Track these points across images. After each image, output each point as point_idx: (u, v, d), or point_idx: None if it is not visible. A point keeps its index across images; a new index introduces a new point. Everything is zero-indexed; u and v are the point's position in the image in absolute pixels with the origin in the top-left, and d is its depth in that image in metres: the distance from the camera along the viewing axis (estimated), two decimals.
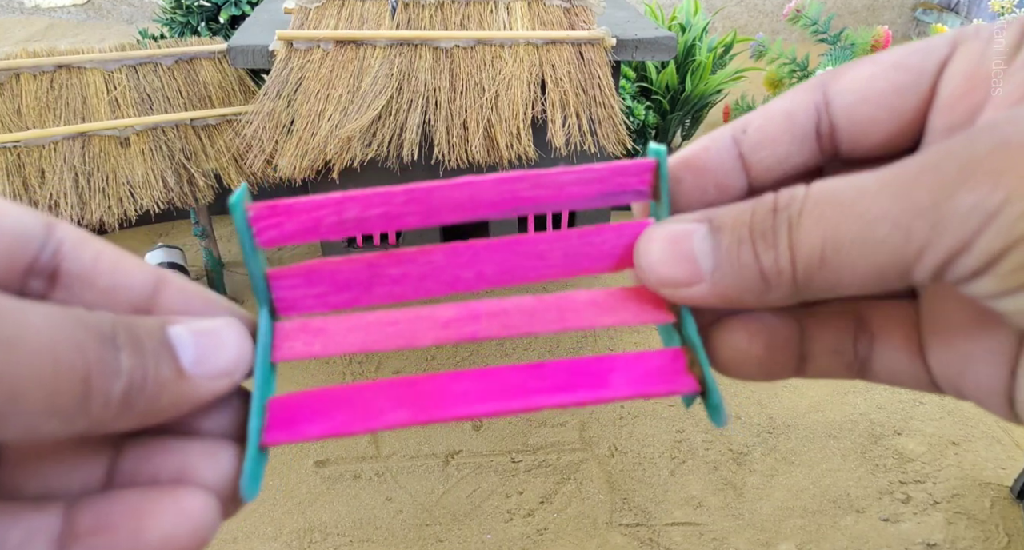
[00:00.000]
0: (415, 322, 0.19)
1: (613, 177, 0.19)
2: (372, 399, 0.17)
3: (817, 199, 0.15)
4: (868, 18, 2.14)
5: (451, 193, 0.18)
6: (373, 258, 0.19)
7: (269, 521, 0.54)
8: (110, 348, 0.14)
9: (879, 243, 0.14)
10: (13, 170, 0.72)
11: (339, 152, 0.67)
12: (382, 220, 0.19)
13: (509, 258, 0.19)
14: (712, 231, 0.16)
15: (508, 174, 0.18)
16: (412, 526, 0.53)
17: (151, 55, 0.79)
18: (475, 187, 0.18)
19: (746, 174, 0.18)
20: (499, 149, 0.65)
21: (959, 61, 0.17)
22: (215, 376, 0.16)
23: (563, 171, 0.18)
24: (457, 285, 0.20)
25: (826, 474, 0.58)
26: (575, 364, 0.18)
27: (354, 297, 0.20)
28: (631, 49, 0.71)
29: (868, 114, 0.17)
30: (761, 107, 0.19)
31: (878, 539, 0.52)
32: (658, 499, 0.55)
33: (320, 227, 0.18)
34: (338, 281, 0.20)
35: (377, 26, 0.72)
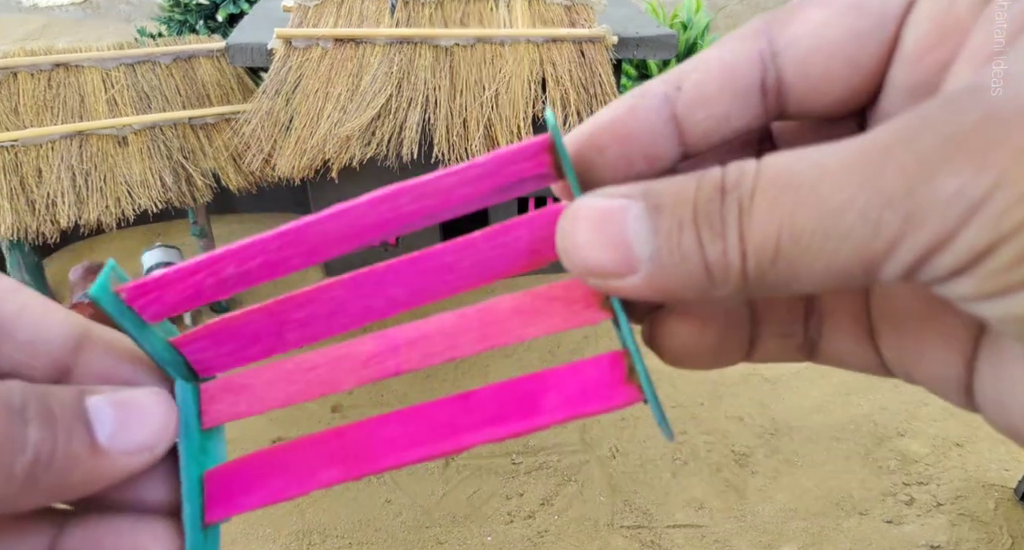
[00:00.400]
0: (335, 363, 0.17)
1: (502, 168, 0.16)
2: (304, 459, 0.16)
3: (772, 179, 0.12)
4: None
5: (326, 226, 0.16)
6: (272, 305, 0.17)
7: (268, 523, 0.53)
8: (17, 421, 0.13)
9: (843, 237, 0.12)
10: (10, 169, 0.72)
11: (338, 151, 0.67)
12: (264, 269, 0.17)
13: (416, 278, 0.17)
14: (649, 210, 0.13)
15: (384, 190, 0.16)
16: (412, 528, 0.53)
17: (149, 53, 0.79)
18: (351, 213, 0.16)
19: (680, 138, 0.15)
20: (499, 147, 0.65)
21: (926, 4, 0.14)
22: (133, 451, 0.14)
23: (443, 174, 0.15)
24: (370, 315, 0.18)
25: (829, 476, 0.58)
26: (506, 388, 0.16)
27: (268, 347, 0.18)
28: (632, 47, 0.71)
29: (821, 66, 0.14)
30: (695, 58, 0.15)
31: (881, 541, 0.51)
32: (659, 501, 0.54)
33: (203, 291, 0.17)
34: (246, 335, 0.18)
35: (376, 24, 0.72)
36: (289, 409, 0.62)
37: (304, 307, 0.17)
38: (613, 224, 0.13)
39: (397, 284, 0.17)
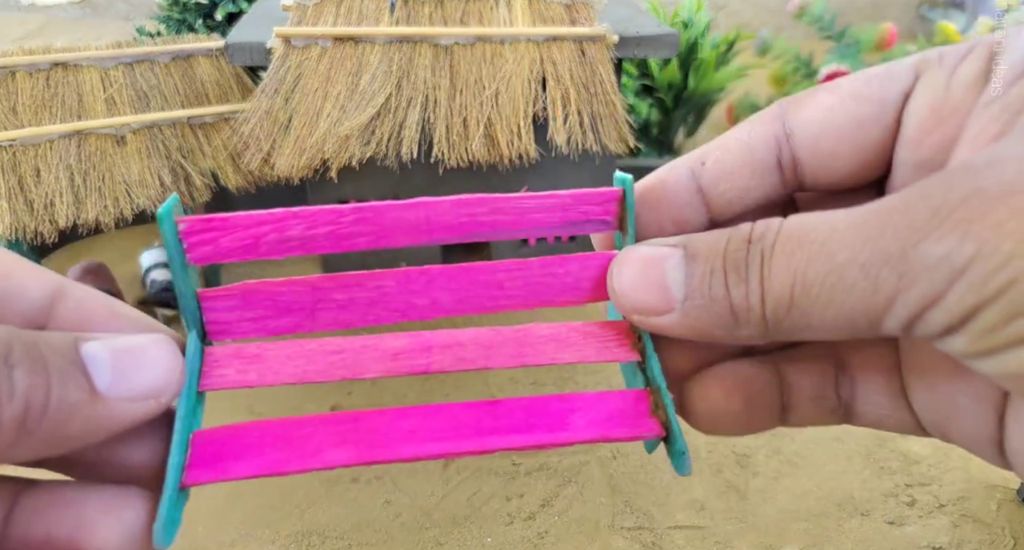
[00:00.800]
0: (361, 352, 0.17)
1: (578, 204, 0.18)
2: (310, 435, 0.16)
3: (789, 234, 0.14)
4: (873, 15, 2.13)
5: (404, 214, 0.17)
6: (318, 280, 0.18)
7: (266, 524, 0.53)
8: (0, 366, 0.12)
9: (847, 289, 0.13)
10: (8, 169, 0.72)
11: (337, 150, 0.66)
12: (328, 240, 0.17)
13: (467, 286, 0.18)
14: (687, 258, 0.15)
15: (467, 197, 0.17)
16: (411, 529, 0.52)
17: (148, 53, 0.78)
18: (430, 209, 0.17)
19: (707, 208, 0.17)
20: (499, 147, 0.64)
21: (923, 91, 0.15)
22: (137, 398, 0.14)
23: (526, 196, 0.17)
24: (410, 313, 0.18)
25: (831, 477, 0.57)
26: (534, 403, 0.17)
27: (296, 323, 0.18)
28: (633, 46, 0.70)
29: (830, 148, 0.16)
30: (719, 138, 0.18)
31: (883, 542, 0.51)
32: (660, 502, 0.54)
33: (259, 245, 0.17)
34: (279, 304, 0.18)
35: (376, 23, 0.71)
36: (282, 406, 0.62)
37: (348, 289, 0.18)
38: (656, 269, 0.15)
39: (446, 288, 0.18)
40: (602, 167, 0.77)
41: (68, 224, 0.72)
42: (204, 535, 0.51)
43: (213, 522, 0.52)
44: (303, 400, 0.66)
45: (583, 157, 0.74)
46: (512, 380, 0.69)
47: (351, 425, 0.16)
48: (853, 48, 1.25)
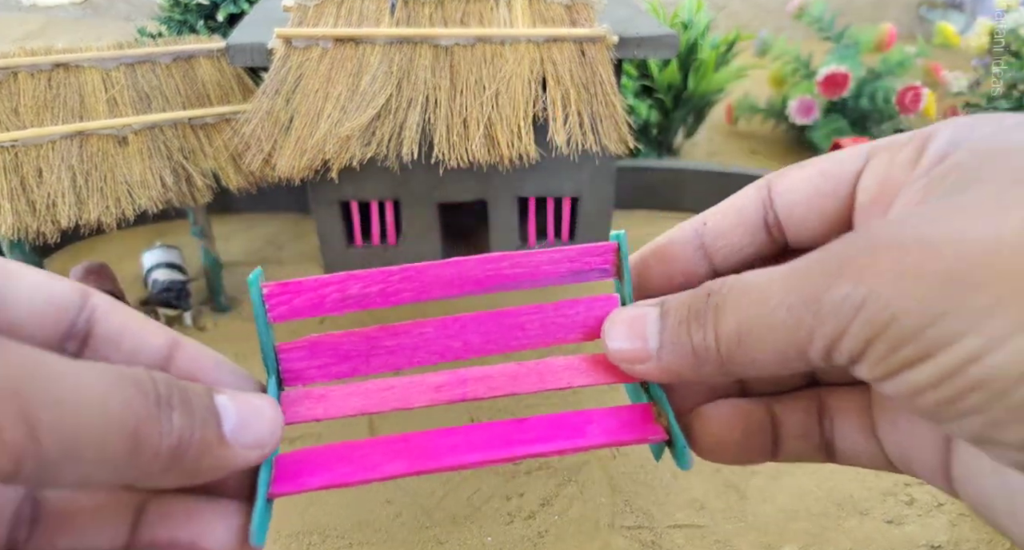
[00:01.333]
0: (409, 387, 0.21)
1: (580, 257, 0.22)
2: (370, 454, 0.19)
3: (738, 286, 0.17)
4: (872, 15, 2.14)
5: (441, 271, 0.21)
6: (371, 332, 0.22)
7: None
8: (162, 406, 0.15)
9: (777, 328, 0.16)
10: (11, 169, 0.72)
11: (338, 151, 0.66)
12: (380, 296, 0.22)
13: (493, 329, 0.22)
14: (662, 314, 0.19)
15: (491, 255, 0.22)
16: (412, 528, 0.53)
17: (149, 53, 0.79)
18: (463, 266, 0.22)
19: (709, 262, 0.21)
20: (500, 148, 0.65)
21: (872, 170, 0.19)
22: (250, 446, 0.17)
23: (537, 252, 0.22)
24: (447, 355, 0.22)
25: (830, 476, 0.57)
26: (556, 418, 0.20)
27: (354, 367, 0.22)
28: (633, 47, 0.70)
29: (801, 214, 0.20)
30: (719, 204, 0.21)
31: (882, 541, 0.51)
32: (660, 501, 0.54)
33: (325, 303, 0.21)
34: (339, 352, 0.22)
35: (376, 24, 0.72)
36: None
37: (396, 337, 0.22)
38: (637, 326, 0.19)
39: (476, 332, 0.22)
40: (602, 167, 0.77)
41: (70, 224, 0.72)
42: None
43: None
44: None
45: (583, 157, 0.74)
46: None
47: (402, 444, 0.20)
48: (852, 49, 1.25)
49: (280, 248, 0.91)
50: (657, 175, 0.98)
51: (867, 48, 1.27)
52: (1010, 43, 1.29)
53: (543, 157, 0.69)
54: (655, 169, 0.97)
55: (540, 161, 0.70)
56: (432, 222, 0.75)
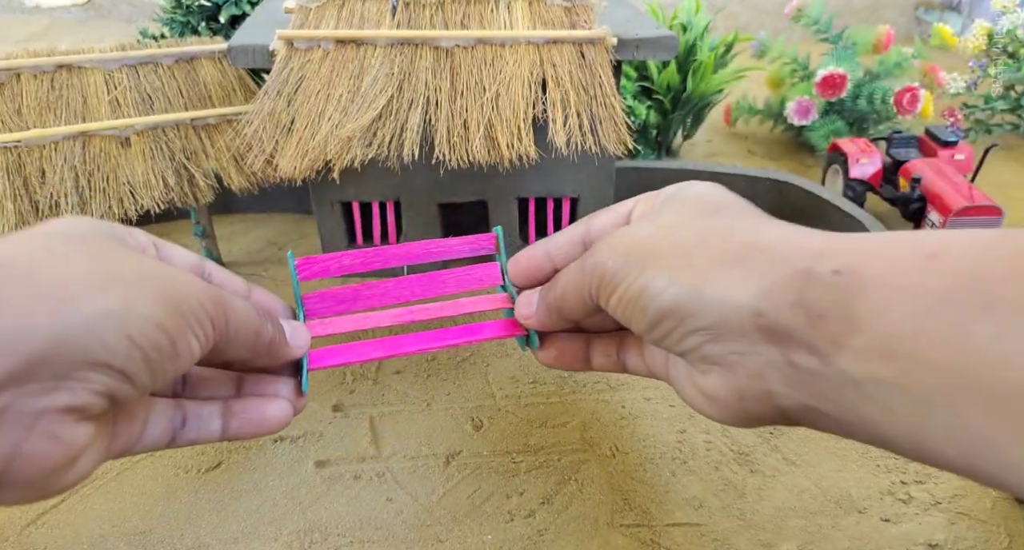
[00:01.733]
0: (380, 317, 0.42)
1: (476, 242, 0.44)
2: (361, 348, 0.41)
3: (563, 270, 0.37)
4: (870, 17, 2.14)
5: (397, 250, 0.43)
6: (356, 286, 0.43)
7: (269, 521, 0.54)
8: (263, 321, 0.35)
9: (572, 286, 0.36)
10: (14, 170, 0.72)
11: (339, 152, 0.67)
12: (363, 265, 0.43)
13: (428, 283, 0.44)
14: (540, 293, 0.39)
15: (426, 241, 0.44)
16: (412, 526, 0.53)
17: (151, 55, 0.79)
18: (409, 247, 0.44)
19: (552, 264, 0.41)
20: (500, 149, 0.65)
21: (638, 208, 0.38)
22: (298, 347, 0.38)
23: (453, 240, 0.44)
24: (401, 298, 0.44)
25: (828, 474, 0.58)
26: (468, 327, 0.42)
27: (347, 307, 0.43)
28: (632, 48, 0.71)
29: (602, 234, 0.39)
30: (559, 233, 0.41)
31: (880, 540, 0.52)
32: (659, 500, 0.55)
33: (330, 269, 0.43)
34: (337, 298, 0.43)
35: (377, 26, 0.72)
36: None
37: (371, 289, 0.43)
38: (530, 299, 0.40)
39: (418, 285, 0.44)
40: (601, 168, 0.78)
41: None
42: (207, 533, 0.52)
43: (215, 519, 0.53)
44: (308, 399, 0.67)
45: (582, 158, 0.75)
46: (513, 378, 0.70)
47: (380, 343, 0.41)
48: (850, 50, 1.26)
49: (282, 248, 0.91)
50: (656, 175, 0.98)
51: (865, 49, 1.27)
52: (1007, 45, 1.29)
53: (543, 158, 0.70)
54: (654, 170, 0.98)
55: (540, 162, 0.70)
56: (433, 222, 0.76)
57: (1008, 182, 1.19)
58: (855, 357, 0.25)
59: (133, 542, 0.52)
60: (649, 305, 0.32)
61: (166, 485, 0.58)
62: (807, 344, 0.27)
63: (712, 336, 0.30)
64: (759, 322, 0.28)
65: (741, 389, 0.30)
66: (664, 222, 0.35)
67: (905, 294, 0.24)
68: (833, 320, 0.26)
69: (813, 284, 0.27)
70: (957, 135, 1.02)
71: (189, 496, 0.57)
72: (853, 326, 0.25)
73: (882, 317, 0.24)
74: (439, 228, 0.75)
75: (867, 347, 0.25)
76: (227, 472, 0.59)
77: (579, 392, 0.66)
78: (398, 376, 0.68)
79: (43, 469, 0.26)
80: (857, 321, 0.25)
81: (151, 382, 0.29)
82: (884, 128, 1.26)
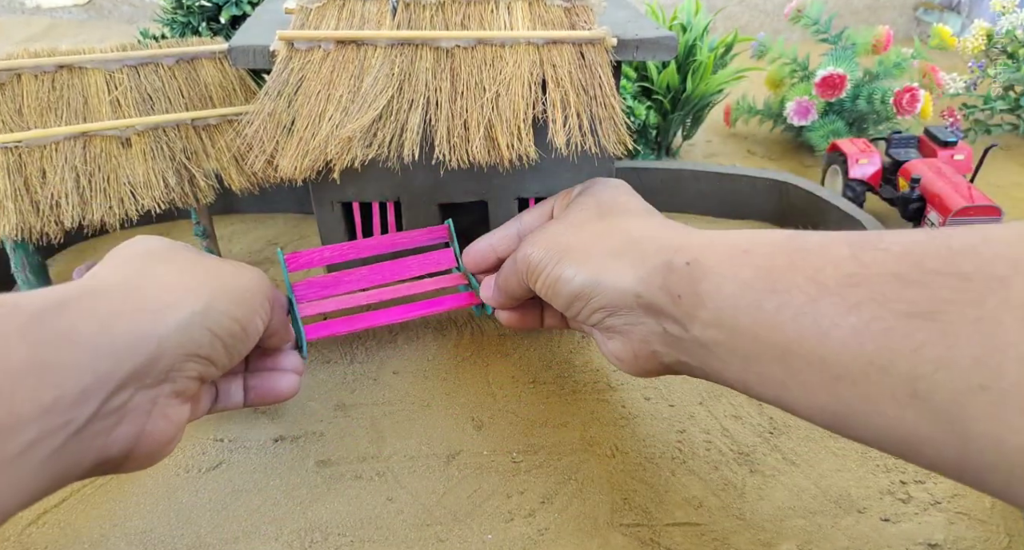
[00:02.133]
0: (358, 297, 0.59)
1: (433, 232, 0.65)
2: (348, 321, 0.59)
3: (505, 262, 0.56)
4: (869, 18, 2.14)
5: (368, 243, 0.62)
6: (337, 274, 0.60)
7: (270, 521, 0.54)
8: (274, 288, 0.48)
9: (511, 272, 0.53)
10: (14, 170, 0.72)
11: (340, 152, 0.67)
12: (340, 257, 0.62)
13: (396, 268, 0.62)
14: (496, 278, 0.57)
15: (389, 235, 0.64)
16: (413, 526, 0.53)
17: (152, 55, 0.79)
18: (380, 239, 0.63)
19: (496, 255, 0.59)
20: (500, 149, 0.65)
21: (558, 204, 0.57)
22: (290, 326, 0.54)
23: (415, 232, 0.64)
24: (375, 281, 0.62)
25: (827, 474, 0.58)
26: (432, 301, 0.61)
27: (330, 291, 0.60)
28: (632, 49, 0.71)
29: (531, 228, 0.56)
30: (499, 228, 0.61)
31: (879, 539, 0.52)
32: (659, 499, 0.55)
33: (313, 262, 0.61)
34: (321, 285, 0.60)
35: (378, 26, 0.72)
36: (294, 411, 0.63)
37: (350, 275, 0.62)
38: (489, 282, 0.59)
39: (388, 270, 0.63)
40: (601, 168, 0.78)
41: (74, 225, 0.73)
42: (207, 532, 0.52)
43: (216, 519, 0.53)
44: (307, 399, 0.66)
45: (582, 158, 0.75)
46: (513, 378, 0.70)
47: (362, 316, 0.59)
48: (849, 51, 1.26)
49: (282, 248, 0.91)
50: (656, 175, 0.98)
51: (864, 50, 1.27)
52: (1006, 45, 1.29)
53: (543, 158, 0.70)
54: (654, 170, 0.98)
55: (540, 162, 0.70)
56: (433, 222, 0.76)
57: (1008, 182, 1.19)
58: (702, 326, 0.35)
59: (134, 541, 0.52)
60: (563, 290, 0.44)
61: (166, 485, 0.58)
62: (672, 317, 0.37)
63: (610, 312, 0.42)
64: (640, 301, 0.39)
65: (635, 350, 0.42)
66: (572, 221, 0.49)
67: (728, 280, 0.34)
68: (686, 299, 0.36)
69: (672, 273, 0.37)
70: (956, 135, 1.02)
71: (189, 496, 0.57)
72: (700, 303, 0.35)
73: (715, 297, 0.34)
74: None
75: (708, 319, 0.35)
76: (227, 472, 0.59)
77: (579, 392, 0.66)
78: (398, 376, 0.68)
79: (160, 443, 0.35)
80: (702, 299, 0.35)
81: (229, 363, 0.40)
82: (883, 128, 1.26)
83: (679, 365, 0.40)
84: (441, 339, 0.71)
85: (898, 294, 0.25)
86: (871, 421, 0.27)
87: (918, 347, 0.24)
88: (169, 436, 0.36)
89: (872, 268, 0.27)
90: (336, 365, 0.67)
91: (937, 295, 0.24)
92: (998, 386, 0.22)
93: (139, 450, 0.34)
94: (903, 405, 0.25)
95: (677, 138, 1.30)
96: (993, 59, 1.32)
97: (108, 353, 0.30)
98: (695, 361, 0.38)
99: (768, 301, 0.31)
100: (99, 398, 0.30)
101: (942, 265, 0.25)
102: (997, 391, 0.22)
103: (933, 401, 0.24)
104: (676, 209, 1.02)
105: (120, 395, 0.31)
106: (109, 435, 0.31)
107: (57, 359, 0.28)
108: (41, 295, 0.31)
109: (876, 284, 0.26)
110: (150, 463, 0.36)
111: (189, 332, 0.34)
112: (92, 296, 0.32)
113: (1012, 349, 0.22)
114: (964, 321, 0.23)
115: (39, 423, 0.27)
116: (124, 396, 0.31)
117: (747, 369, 0.33)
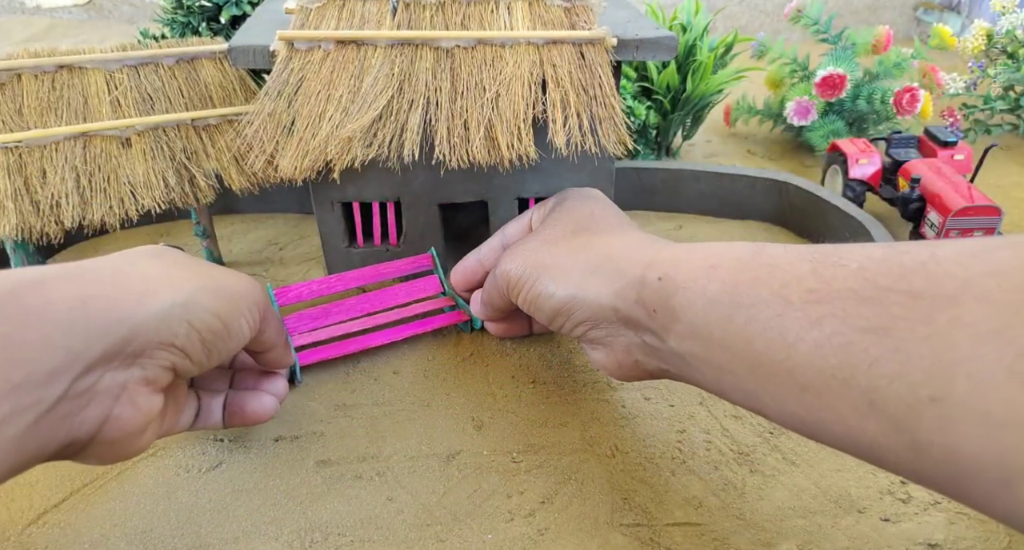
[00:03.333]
0: (348, 325, 0.63)
1: (417, 260, 0.68)
2: (336, 346, 0.62)
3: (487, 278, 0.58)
4: (869, 18, 2.14)
5: (354, 274, 0.67)
6: (325, 306, 0.65)
7: (270, 521, 0.54)
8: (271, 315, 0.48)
9: (492, 287, 0.57)
10: (15, 170, 0.73)
11: (340, 152, 0.67)
12: (327, 290, 0.65)
13: (383, 297, 0.66)
14: (482, 294, 0.60)
15: (376, 266, 0.68)
16: (413, 526, 0.53)
17: (152, 55, 0.79)
18: (364, 270, 0.67)
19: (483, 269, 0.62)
20: (500, 149, 0.65)
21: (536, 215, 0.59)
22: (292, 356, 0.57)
23: (400, 261, 0.68)
24: (362, 310, 0.65)
25: (827, 474, 0.58)
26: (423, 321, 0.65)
27: (320, 323, 0.64)
28: (632, 49, 0.71)
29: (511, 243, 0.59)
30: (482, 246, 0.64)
31: (879, 539, 0.52)
32: (659, 499, 0.55)
33: (302, 296, 0.64)
34: (311, 317, 0.64)
35: (378, 26, 0.72)
36: (294, 411, 0.63)
37: (338, 305, 0.65)
38: (478, 298, 0.62)
39: (375, 299, 0.66)
40: (601, 168, 0.78)
41: (74, 225, 0.73)
42: (207, 532, 0.52)
43: (216, 519, 0.53)
44: (307, 399, 0.67)
45: (582, 158, 0.75)
46: (513, 378, 0.70)
47: (352, 339, 0.63)
48: (849, 51, 1.26)
49: (282, 248, 0.91)
50: (656, 175, 0.98)
51: (864, 50, 1.27)
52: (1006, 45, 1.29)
53: (543, 158, 0.70)
54: (654, 170, 0.98)
55: (540, 162, 0.70)
56: (433, 222, 0.76)
57: (1008, 182, 1.19)
58: (677, 338, 0.37)
59: (134, 541, 0.52)
60: (545, 305, 0.47)
61: (166, 485, 0.58)
62: (649, 329, 0.40)
63: (592, 325, 0.45)
64: (618, 315, 0.42)
65: (618, 359, 0.46)
66: (546, 237, 0.51)
67: (698, 295, 0.35)
68: (661, 313, 0.38)
69: (645, 288, 0.39)
70: (956, 135, 1.02)
71: (189, 496, 0.57)
72: (674, 317, 0.37)
73: (687, 310, 0.36)
74: (439, 228, 0.75)
75: (682, 331, 0.37)
76: (227, 472, 0.59)
77: (579, 392, 0.66)
78: (398, 376, 0.68)
79: (125, 431, 0.35)
80: (675, 313, 0.37)
81: (207, 360, 0.39)
82: (883, 128, 1.26)
83: (661, 372, 0.43)
84: (441, 339, 0.71)
85: (856, 310, 0.27)
86: (837, 430, 0.28)
87: (873, 361, 0.25)
88: (136, 425, 0.35)
89: (832, 284, 0.28)
90: (336, 365, 0.67)
91: (889, 312, 0.25)
92: (949, 399, 0.23)
93: (105, 434, 0.33)
94: (864, 415, 0.26)
95: (677, 138, 1.30)
96: (993, 59, 1.32)
97: (81, 330, 0.30)
98: (675, 369, 0.41)
99: (737, 315, 0.32)
100: (69, 378, 0.30)
101: (893, 282, 0.26)
102: (948, 404, 0.23)
103: (888, 412, 0.25)
104: (676, 209, 1.02)
105: (89, 376, 0.31)
106: (77, 416, 0.31)
107: (28, 336, 0.28)
108: (20, 272, 0.30)
109: (836, 300, 0.28)
110: (115, 456, 0.35)
111: (167, 321, 0.34)
112: (72, 277, 0.32)
113: (963, 365, 0.23)
114: (915, 338, 0.24)
115: (9, 401, 0.27)
116: (93, 377, 0.32)
117: (721, 378, 0.35)
